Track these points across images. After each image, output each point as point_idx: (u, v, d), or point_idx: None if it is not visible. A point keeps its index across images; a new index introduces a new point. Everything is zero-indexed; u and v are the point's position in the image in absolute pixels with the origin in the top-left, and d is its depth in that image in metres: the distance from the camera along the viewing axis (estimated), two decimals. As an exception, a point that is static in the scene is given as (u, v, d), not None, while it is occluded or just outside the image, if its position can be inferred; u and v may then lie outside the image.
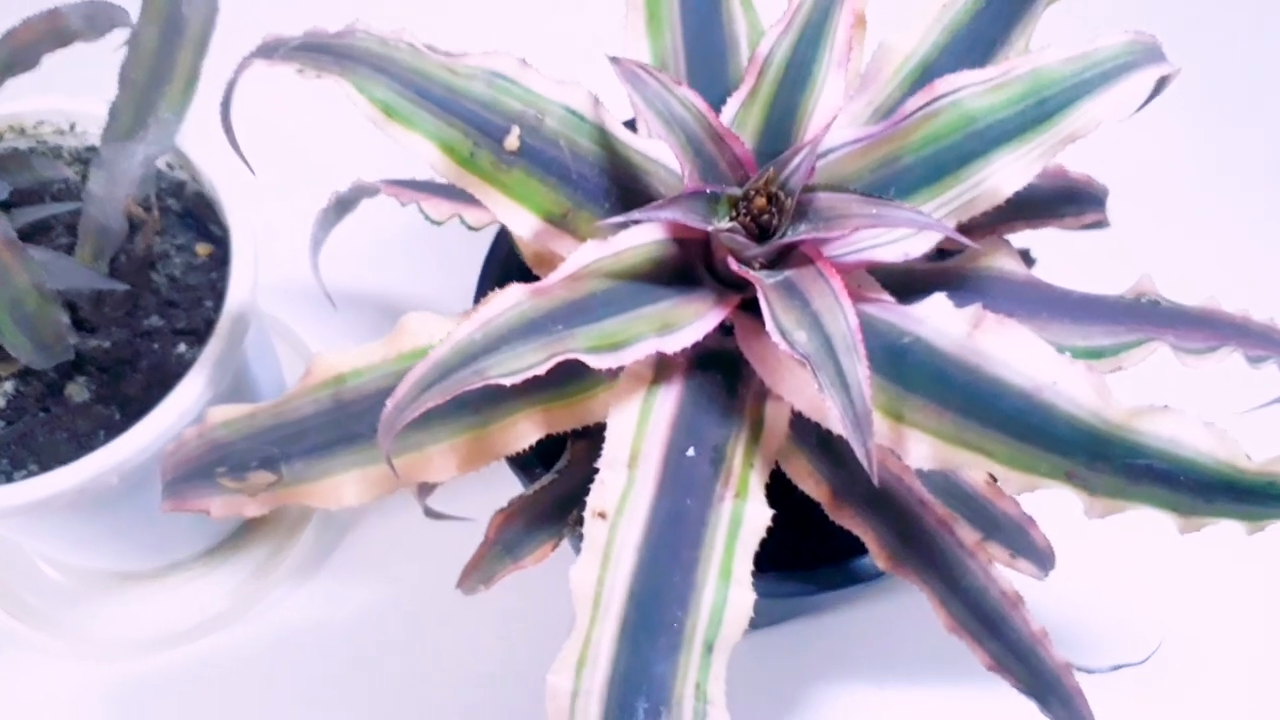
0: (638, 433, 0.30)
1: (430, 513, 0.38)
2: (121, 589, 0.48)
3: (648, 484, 0.29)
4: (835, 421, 0.28)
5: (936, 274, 0.34)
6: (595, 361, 0.28)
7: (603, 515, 0.28)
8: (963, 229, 0.36)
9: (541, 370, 0.27)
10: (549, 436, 0.34)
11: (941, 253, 0.36)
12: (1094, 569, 0.47)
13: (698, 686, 0.26)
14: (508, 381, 0.27)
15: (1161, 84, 0.32)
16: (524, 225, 0.30)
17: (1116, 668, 0.35)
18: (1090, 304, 0.33)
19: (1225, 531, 0.49)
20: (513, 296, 0.27)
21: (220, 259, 0.42)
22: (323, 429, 0.33)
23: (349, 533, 0.50)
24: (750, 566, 0.28)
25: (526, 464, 0.37)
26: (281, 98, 0.58)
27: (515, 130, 0.29)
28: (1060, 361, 0.26)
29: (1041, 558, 0.33)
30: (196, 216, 0.43)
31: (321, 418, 0.33)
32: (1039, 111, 0.29)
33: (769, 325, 0.28)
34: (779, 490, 0.32)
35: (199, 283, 0.42)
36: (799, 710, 0.46)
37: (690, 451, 0.29)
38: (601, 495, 0.28)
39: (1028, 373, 0.26)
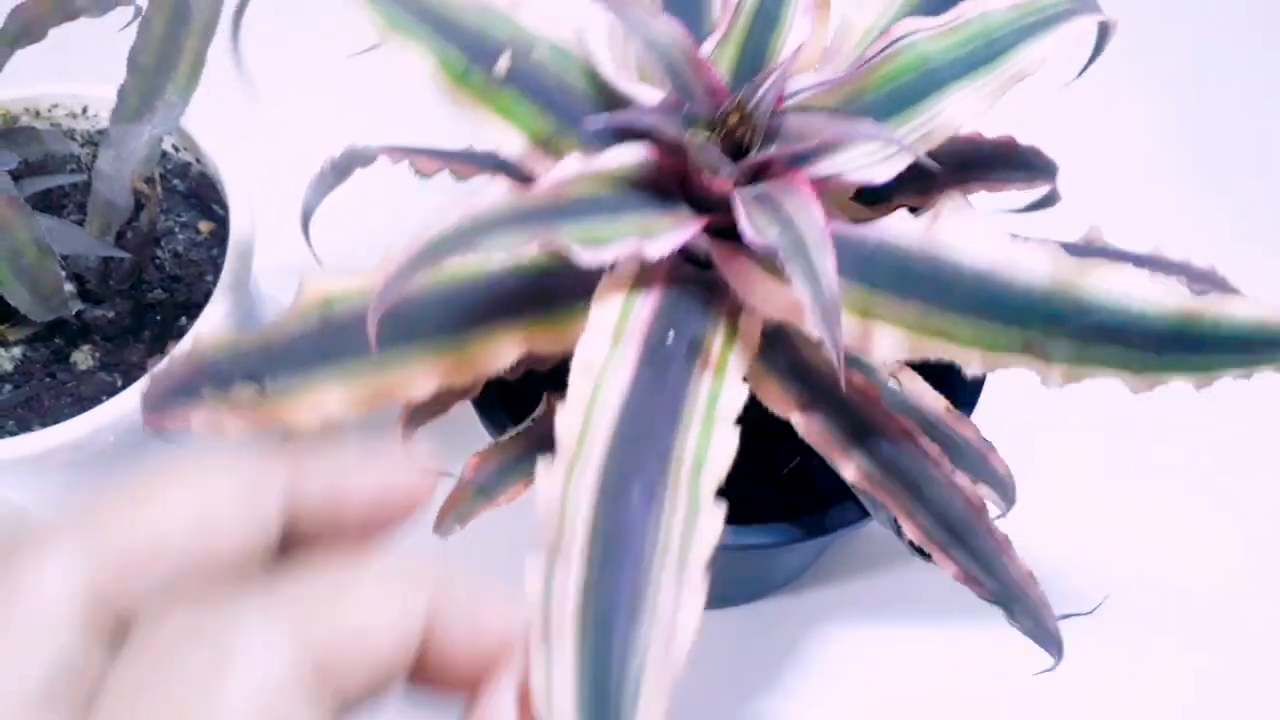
0: (619, 322, 0.31)
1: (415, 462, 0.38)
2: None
3: (629, 355, 0.29)
4: (806, 317, 0.29)
5: (899, 223, 0.36)
6: (581, 253, 0.29)
7: (586, 371, 0.29)
8: (922, 191, 0.38)
9: (532, 249, 0.28)
10: (528, 394, 0.35)
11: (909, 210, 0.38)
12: (1045, 526, 0.48)
13: (691, 495, 0.26)
14: (497, 257, 0.28)
15: (1102, 40, 0.35)
16: (513, 144, 0.32)
17: (1064, 617, 0.35)
18: (1042, 246, 0.35)
19: (1170, 486, 0.50)
20: (500, 190, 0.29)
21: (222, 237, 0.44)
22: (308, 347, 0.33)
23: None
24: (732, 428, 0.28)
25: (499, 421, 0.38)
26: (294, 83, 0.61)
27: (507, 54, 0.32)
28: (1013, 239, 0.27)
29: (1002, 485, 0.34)
30: (200, 196, 0.45)
31: (308, 338, 0.34)
32: (988, 51, 0.32)
33: (742, 224, 0.29)
34: (757, 444, 0.33)
35: (201, 259, 0.44)
36: (787, 675, 0.46)
37: (670, 337, 0.31)
38: (586, 351, 0.29)
39: (983, 253, 0.28)
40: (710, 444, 0.27)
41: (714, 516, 0.25)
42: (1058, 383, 0.27)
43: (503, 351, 0.33)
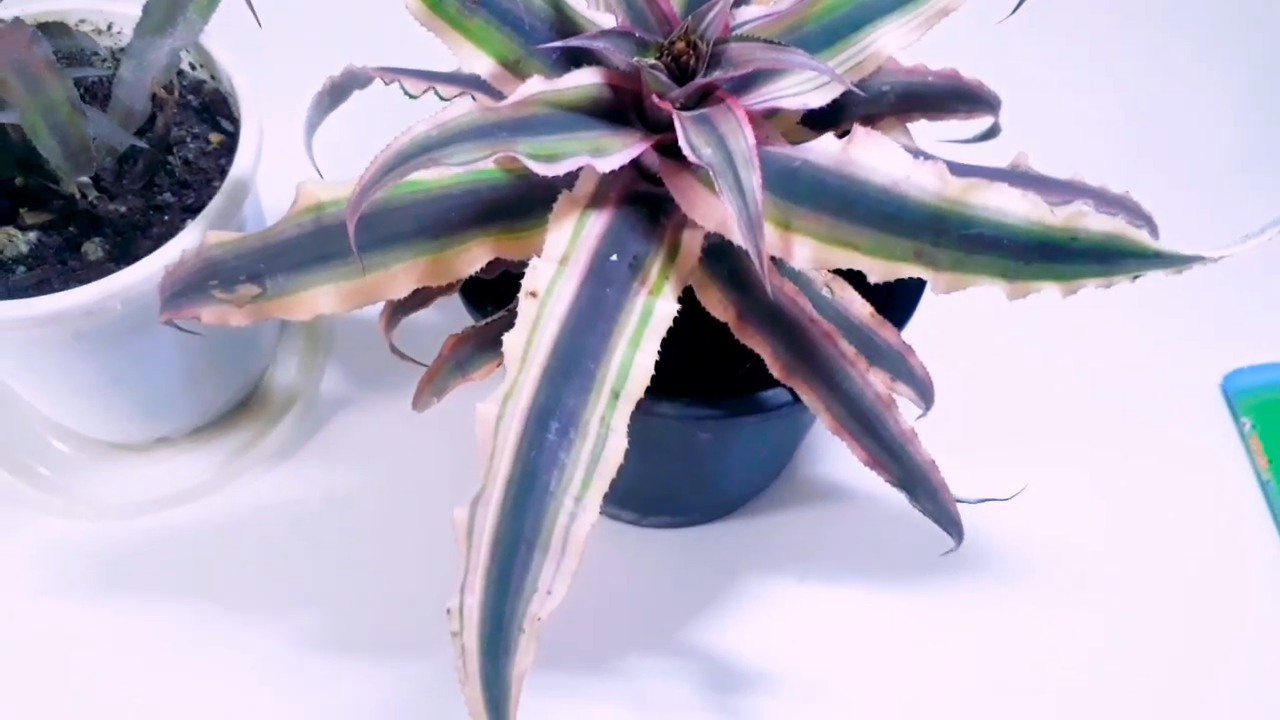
0: (570, 242, 0.35)
1: (395, 350, 0.42)
2: (116, 459, 0.53)
3: (575, 275, 0.34)
4: (733, 227, 0.33)
5: (841, 146, 0.40)
6: (534, 166, 0.33)
7: (534, 294, 0.33)
8: (867, 119, 0.41)
9: (486, 164, 0.32)
10: (507, 283, 0.39)
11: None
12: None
13: (603, 419, 0.31)
14: (457, 169, 0.32)
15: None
16: (482, 67, 0.36)
17: (983, 500, 0.39)
18: (967, 170, 0.38)
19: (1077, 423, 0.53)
20: (465, 106, 0.33)
21: (230, 148, 0.48)
22: (303, 248, 0.38)
23: (328, 422, 0.55)
24: (657, 345, 0.33)
25: (485, 310, 0.42)
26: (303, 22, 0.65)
27: (479, -18, 0.35)
28: (912, 160, 0.31)
29: (920, 386, 0.38)
30: (212, 111, 0.49)
31: (303, 239, 0.38)
32: (918, -14, 0.35)
33: (681, 142, 0.33)
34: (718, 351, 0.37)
35: (209, 167, 0.48)
36: (726, 601, 0.50)
37: (614, 257, 0.35)
38: (534, 279, 0.33)
39: (887, 171, 0.31)
40: (634, 363, 0.31)
41: (620, 439, 0.30)
42: (943, 289, 0.30)
43: (474, 257, 0.37)
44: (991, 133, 0.44)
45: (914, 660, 0.48)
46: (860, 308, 0.38)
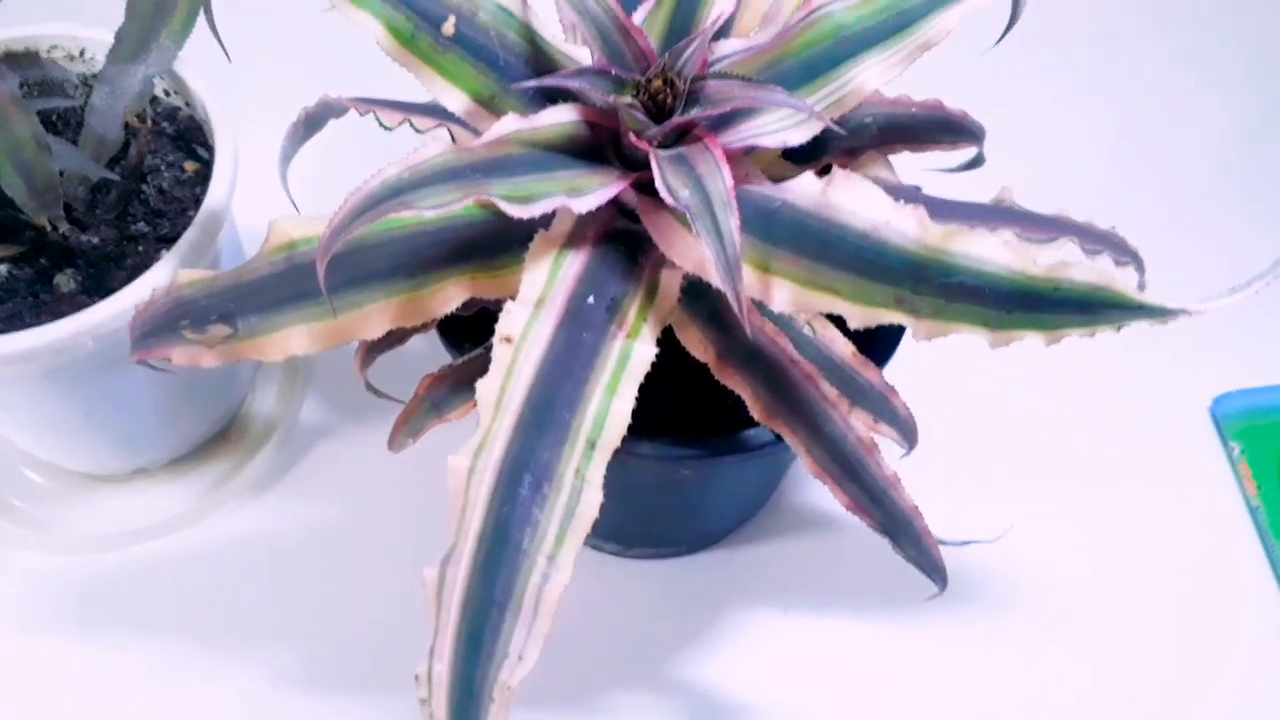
0: (546, 283, 0.34)
1: (370, 388, 0.42)
2: (92, 491, 0.52)
3: (550, 319, 0.33)
4: (710, 270, 0.32)
5: (822, 180, 0.39)
6: (509, 209, 0.32)
7: (508, 340, 0.32)
8: (850, 152, 0.41)
9: (459, 206, 0.31)
10: (485, 319, 0.38)
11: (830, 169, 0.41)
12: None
13: (578, 471, 0.30)
14: (429, 213, 0.31)
15: (1017, 8, 0.37)
16: (456, 103, 0.35)
17: (967, 543, 0.38)
18: (950, 206, 0.37)
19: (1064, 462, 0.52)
20: (438, 148, 0.32)
21: (205, 176, 0.47)
22: (275, 288, 0.37)
23: (307, 453, 0.54)
24: (634, 391, 0.32)
25: (461, 346, 0.41)
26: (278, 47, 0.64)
27: (452, 18, 0.34)
28: (893, 205, 0.30)
29: (904, 427, 0.37)
30: (186, 139, 0.48)
31: (275, 279, 0.37)
32: (899, 21, 0.35)
33: (658, 183, 0.32)
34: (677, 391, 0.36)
35: (184, 195, 0.47)
36: (710, 633, 0.50)
37: (591, 299, 0.34)
38: (508, 323, 0.33)
39: (867, 215, 0.31)
40: (610, 411, 0.31)
41: (595, 492, 0.30)
42: (924, 336, 0.30)
43: (449, 297, 0.36)
44: (975, 162, 0.43)
45: (900, 693, 0.48)
46: (842, 347, 0.37)
